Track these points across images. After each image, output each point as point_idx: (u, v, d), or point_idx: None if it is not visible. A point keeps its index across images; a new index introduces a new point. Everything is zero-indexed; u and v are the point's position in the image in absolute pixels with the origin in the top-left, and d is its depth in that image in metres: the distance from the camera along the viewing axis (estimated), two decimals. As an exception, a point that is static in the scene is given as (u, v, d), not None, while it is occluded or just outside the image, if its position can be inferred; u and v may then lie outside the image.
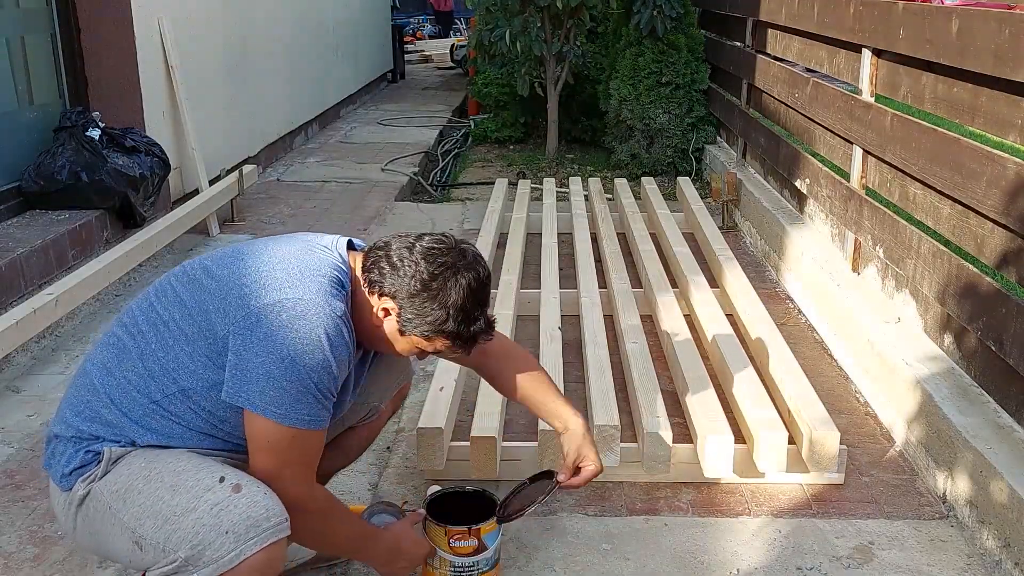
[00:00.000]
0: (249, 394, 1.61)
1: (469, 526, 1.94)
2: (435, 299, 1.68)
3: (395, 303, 1.70)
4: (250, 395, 1.61)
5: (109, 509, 1.65)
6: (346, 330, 1.67)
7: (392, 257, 1.71)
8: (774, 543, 2.23)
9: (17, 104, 4.02)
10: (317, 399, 1.64)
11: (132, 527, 1.62)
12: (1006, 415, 2.37)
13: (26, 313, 3.10)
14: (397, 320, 1.71)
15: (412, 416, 2.78)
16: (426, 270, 1.68)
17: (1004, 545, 2.11)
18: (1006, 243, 2.37)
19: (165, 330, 1.72)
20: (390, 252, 1.71)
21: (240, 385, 1.62)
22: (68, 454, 1.70)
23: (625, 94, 5.97)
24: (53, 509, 1.78)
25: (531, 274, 3.96)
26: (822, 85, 3.80)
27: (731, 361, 2.77)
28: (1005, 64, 2.34)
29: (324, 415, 1.67)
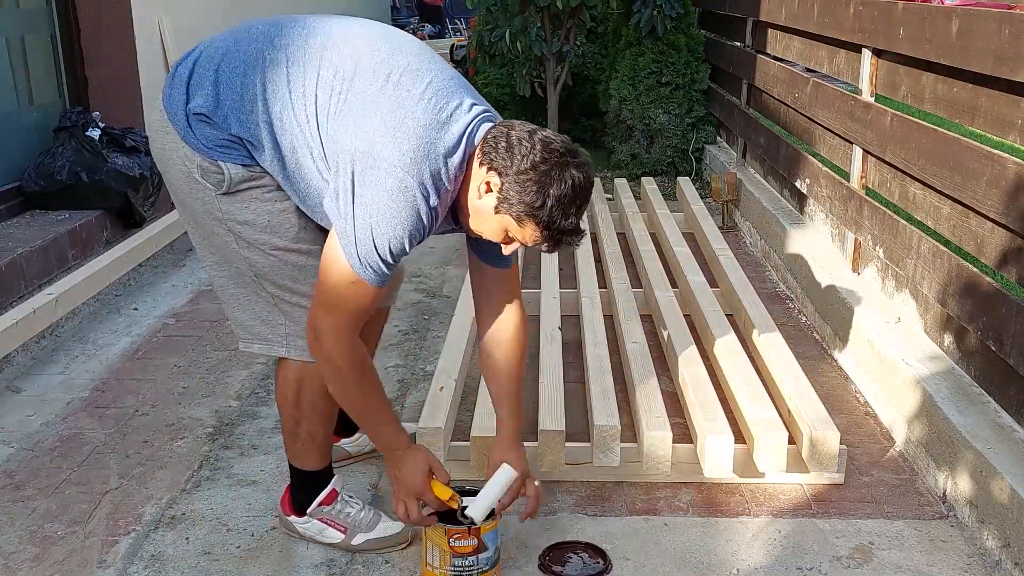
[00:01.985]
0: (344, 226, 1.73)
1: (469, 525, 1.97)
2: (538, 183, 1.72)
3: (500, 180, 1.74)
4: (344, 227, 1.73)
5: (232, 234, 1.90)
6: (433, 213, 1.75)
7: (512, 137, 1.74)
8: (774, 543, 2.23)
9: (17, 104, 4.02)
10: (385, 263, 1.75)
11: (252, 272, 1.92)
12: (1006, 415, 2.37)
13: (26, 313, 3.10)
14: (497, 196, 1.75)
15: (412, 416, 2.78)
16: (540, 154, 1.72)
17: (1004, 545, 2.11)
18: (1006, 243, 2.37)
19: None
20: (511, 132, 1.75)
21: (336, 209, 1.74)
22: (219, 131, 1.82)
23: (625, 94, 5.97)
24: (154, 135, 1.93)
25: (531, 274, 3.96)
26: (822, 85, 3.80)
27: (731, 361, 2.77)
28: (1005, 64, 2.34)
29: (384, 279, 1.79)
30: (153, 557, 2.16)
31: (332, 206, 1.76)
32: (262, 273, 1.93)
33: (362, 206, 1.71)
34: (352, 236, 1.73)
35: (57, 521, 2.30)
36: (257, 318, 1.99)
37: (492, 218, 1.79)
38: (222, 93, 1.82)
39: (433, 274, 4.20)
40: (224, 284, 2.00)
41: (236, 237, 1.90)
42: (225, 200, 1.87)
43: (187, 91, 1.84)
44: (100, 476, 2.50)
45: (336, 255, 1.76)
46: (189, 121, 1.84)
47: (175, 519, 2.31)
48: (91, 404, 2.92)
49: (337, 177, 1.74)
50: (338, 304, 1.79)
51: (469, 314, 3.16)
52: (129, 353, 3.30)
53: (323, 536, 2.18)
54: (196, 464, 2.56)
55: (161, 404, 2.92)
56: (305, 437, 2.10)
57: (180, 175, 1.89)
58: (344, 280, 1.77)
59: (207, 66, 1.84)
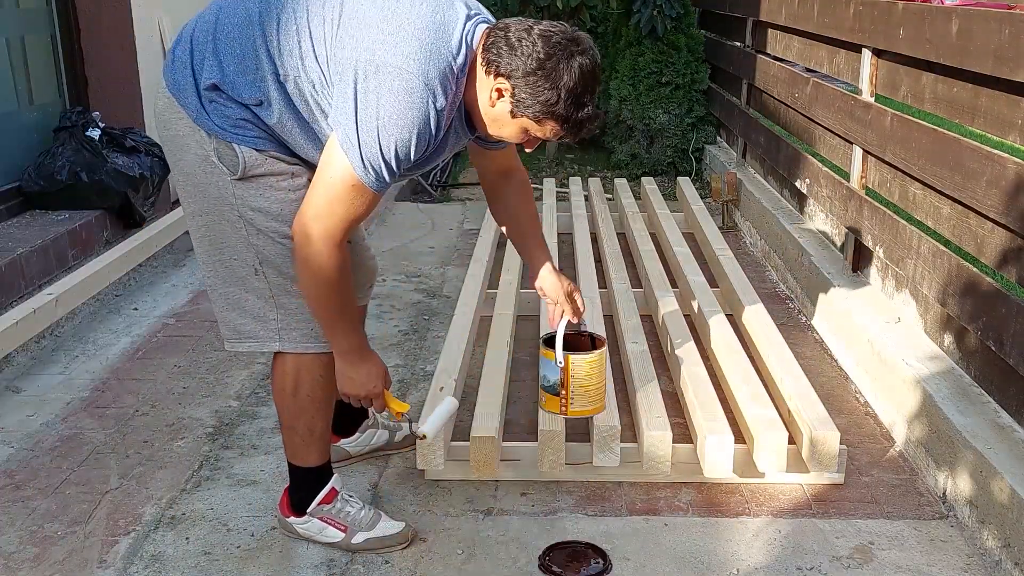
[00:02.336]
0: (345, 129, 1.71)
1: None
2: (548, 79, 1.71)
3: (509, 83, 1.74)
4: (346, 130, 1.71)
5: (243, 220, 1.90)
6: (440, 117, 1.74)
7: (511, 38, 1.73)
8: (774, 543, 2.23)
9: (17, 104, 4.02)
10: (388, 167, 1.74)
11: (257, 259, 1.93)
12: (1006, 415, 2.37)
13: (26, 313, 3.10)
14: (511, 101, 1.75)
15: (412, 416, 2.78)
16: (543, 50, 1.71)
17: (1004, 545, 2.11)
18: (1006, 243, 2.37)
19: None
20: (509, 33, 1.74)
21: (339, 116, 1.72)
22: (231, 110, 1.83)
23: (625, 94, 5.97)
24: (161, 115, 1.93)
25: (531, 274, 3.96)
26: (822, 85, 3.80)
27: (731, 361, 2.77)
28: (1005, 64, 2.34)
29: (384, 185, 1.79)
30: (153, 557, 2.16)
31: (335, 117, 1.74)
32: (268, 260, 1.93)
33: (367, 108, 1.69)
34: (356, 139, 1.71)
35: (57, 521, 2.30)
36: (248, 315, 1.98)
37: (510, 123, 1.80)
38: (224, 60, 1.81)
39: (433, 274, 4.20)
40: (216, 284, 1.99)
41: (247, 223, 1.90)
42: (240, 185, 1.88)
43: (192, 71, 1.84)
44: (100, 476, 2.50)
45: (336, 159, 1.75)
46: (202, 101, 1.84)
47: (175, 519, 2.31)
48: (91, 404, 2.92)
49: (340, 86, 1.72)
50: (333, 210, 1.77)
51: (469, 314, 3.17)
52: (129, 353, 3.30)
53: (323, 535, 2.17)
54: (196, 464, 2.56)
55: (161, 404, 2.92)
56: (304, 431, 2.10)
57: (196, 160, 1.88)
58: (345, 184, 1.75)
59: (204, 40, 1.84)
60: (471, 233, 4.73)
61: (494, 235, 4.25)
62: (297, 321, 1.97)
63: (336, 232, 1.79)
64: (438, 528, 2.28)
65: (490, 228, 4.29)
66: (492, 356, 2.85)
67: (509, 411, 2.82)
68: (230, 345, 2.03)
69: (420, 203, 5.64)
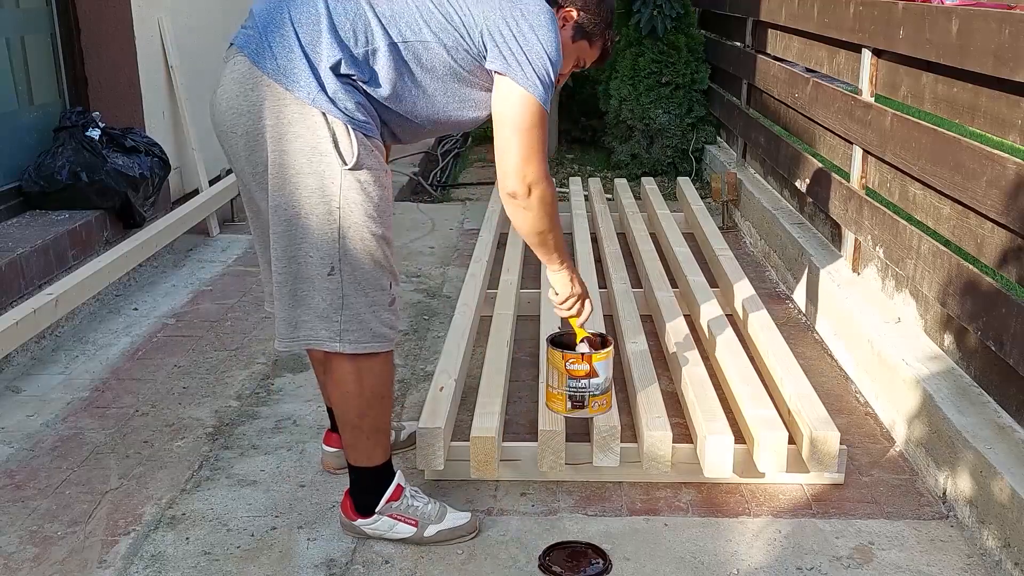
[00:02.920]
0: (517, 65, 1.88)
1: (582, 352, 2.30)
2: (605, 4, 2.08)
3: (576, 10, 2.05)
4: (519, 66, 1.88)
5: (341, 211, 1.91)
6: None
7: None
8: (774, 543, 2.23)
9: (17, 104, 4.02)
10: (551, 71, 1.92)
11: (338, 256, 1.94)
12: (1006, 415, 2.37)
13: (26, 313, 3.10)
14: (575, 25, 2.07)
15: (412, 416, 2.78)
16: None
17: (1004, 545, 2.11)
18: (1006, 243, 2.38)
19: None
20: None
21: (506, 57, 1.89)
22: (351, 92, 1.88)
23: (625, 94, 5.98)
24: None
25: (531, 274, 3.96)
26: (822, 85, 3.80)
27: (731, 361, 2.77)
28: (1005, 64, 2.34)
29: (550, 95, 1.95)
30: (153, 557, 2.16)
31: (500, 62, 1.89)
32: (349, 257, 1.95)
33: (524, 34, 1.88)
34: (529, 65, 1.89)
35: (57, 521, 2.30)
36: (312, 313, 1.99)
37: (570, 48, 2.08)
38: (342, 38, 1.85)
39: (433, 274, 4.20)
40: (285, 280, 1.98)
41: (342, 215, 1.91)
42: (348, 176, 1.89)
43: (304, 54, 1.85)
44: (100, 476, 2.50)
45: (512, 96, 1.91)
46: (322, 84, 1.85)
47: (175, 519, 2.31)
48: (91, 404, 2.92)
49: (493, 37, 1.89)
50: (534, 142, 1.94)
51: (469, 314, 3.17)
52: (129, 353, 3.30)
53: (394, 532, 2.19)
54: (196, 464, 2.56)
55: (161, 404, 2.92)
56: (370, 430, 2.11)
57: (303, 149, 1.87)
58: (532, 112, 1.91)
59: (311, 20, 1.86)
60: (471, 233, 4.73)
61: (494, 235, 4.25)
62: (360, 322, 1.99)
63: (544, 165, 1.98)
64: (438, 528, 2.28)
65: (490, 228, 4.29)
66: (492, 356, 2.85)
67: (509, 411, 2.82)
68: (284, 344, 2.03)
69: (420, 203, 5.65)
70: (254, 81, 1.89)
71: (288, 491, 2.44)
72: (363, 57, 1.87)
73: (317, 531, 2.26)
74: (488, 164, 6.81)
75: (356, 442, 2.13)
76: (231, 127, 1.95)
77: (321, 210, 1.91)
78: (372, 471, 2.17)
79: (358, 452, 2.15)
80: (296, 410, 2.88)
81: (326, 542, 2.22)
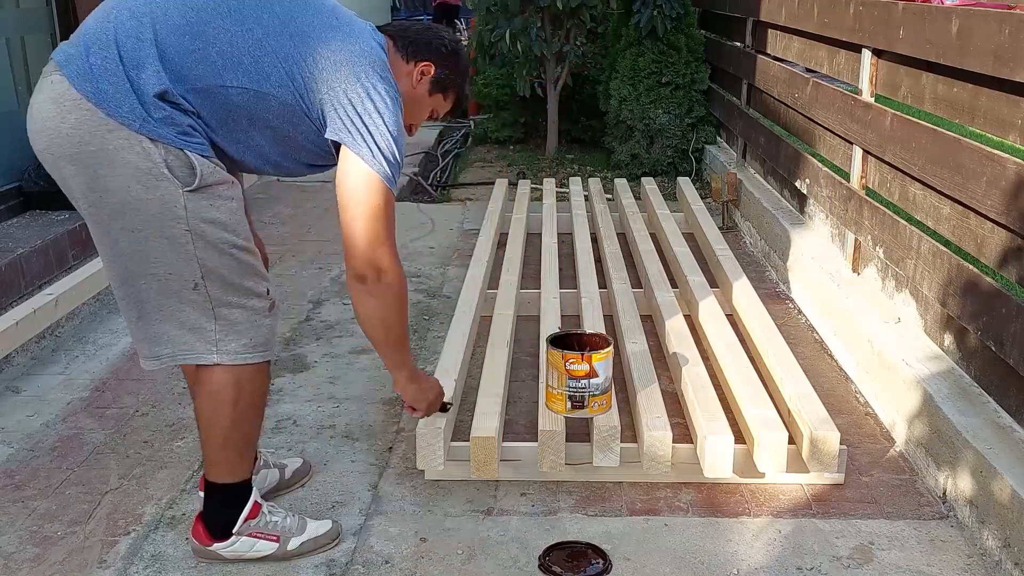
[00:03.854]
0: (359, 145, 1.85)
1: (582, 352, 2.33)
2: (461, 58, 2.08)
3: (434, 65, 2.03)
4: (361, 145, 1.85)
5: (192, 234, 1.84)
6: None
7: (416, 32, 2.05)
8: (774, 543, 2.23)
9: (17, 104, 4.02)
10: (398, 156, 1.90)
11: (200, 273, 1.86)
12: (1006, 415, 2.37)
13: (26, 313, 3.11)
14: (432, 80, 2.04)
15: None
16: (447, 39, 2.06)
17: (1004, 545, 2.11)
18: (1006, 243, 2.38)
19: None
20: (409, 31, 2.05)
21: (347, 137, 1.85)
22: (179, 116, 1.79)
23: (625, 94, 5.98)
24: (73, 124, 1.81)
25: (531, 274, 3.96)
26: (822, 85, 3.80)
27: (731, 361, 2.77)
28: (1005, 64, 2.34)
29: (396, 180, 1.92)
30: (153, 557, 2.16)
31: (344, 138, 1.86)
32: (212, 273, 1.87)
33: (370, 112, 1.85)
34: (376, 148, 1.85)
35: (57, 521, 2.30)
36: (183, 328, 1.90)
37: (425, 101, 2.07)
38: (179, 63, 1.77)
39: (433, 274, 4.20)
40: (147, 297, 1.88)
41: (195, 236, 1.83)
42: (192, 197, 1.81)
43: (128, 78, 1.74)
44: (100, 476, 2.50)
45: (361, 180, 1.86)
46: (147, 109, 1.75)
47: (175, 519, 2.31)
48: (91, 404, 2.92)
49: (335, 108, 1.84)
50: (384, 225, 1.90)
51: (469, 314, 3.17)
52: (129, 353, 3.30)
53: (255, 551, 2.10)
54: (196, 464, 2.56)
55: (161, 404, 2.92)
56: (240, 442, 2.03)
57: (133, 174, 1.77)
58: (383, 194, 1.88)
59: (138, 45, 1.76)
60: (471, 233, 4.73)
61: (494, 235, 4.25)
62: (235, 332, 1.92)
63: (394, 245, 1.94)
64: (438, 528, 2.28)
65: (490, 228, 4.29)
66: (492, 356, 2.85)
67: (509, 411, 2.82)
68: (154, 363, 1.94)
69: (420, 203, 5.64)
70: (71, 103, 1.77)
71: (288, 491, 2.44)
72: (193, 90, 1.79)
73: (317, 531, 2.26)
74: (488, 164, 6.82)
75: (222, 456, 2.03)
76: (47, 147, 1.83)
77: (171, 232, 1.82)
78: (233, 488, 2.06)
79: (222, 467, 2.04)
80: (296, 410, 2.88)
81: (326, 542, 2.22)
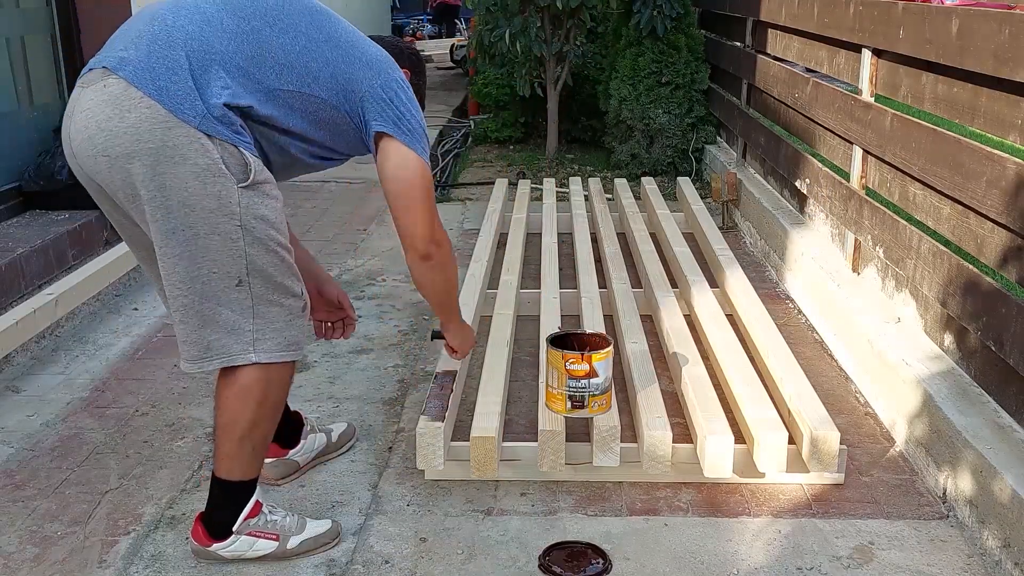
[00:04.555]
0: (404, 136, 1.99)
1: (582, 352, 2.33)
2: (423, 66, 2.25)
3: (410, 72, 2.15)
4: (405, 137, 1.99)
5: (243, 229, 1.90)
6: None
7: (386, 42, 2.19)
8: (774, 543, 2.23)
9: (17, 104, 4.03)
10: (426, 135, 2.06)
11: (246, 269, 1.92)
12: (1006, 415, 2.37)
13: (26, 313, 3.11)
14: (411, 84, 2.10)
15: (412, 416, 2.78)
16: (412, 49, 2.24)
17: (1004, 545, 2.11)
18: (1006, 243, 2.38)
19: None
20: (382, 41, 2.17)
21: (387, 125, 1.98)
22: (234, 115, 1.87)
23: (625, 94, 5.97)
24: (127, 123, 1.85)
25: (531, 274, 3.96)
26: (822, 85, 3.80)
27: (731, 361, 2.77)
28: (1005, 64, 2.34)
29: None
30: (153, 557, 2.16)
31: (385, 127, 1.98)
32: (258, 270, 1.92)
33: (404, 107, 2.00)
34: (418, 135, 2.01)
35: (57, 521, 2.30)
36: (222, 330, 1.94)
37: None
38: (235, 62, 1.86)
39: (433, 274, 4.20)
40: (190, 302, 1.92)
41: (246, 232, 1.89)
42: (246, 193, 1.87)
43: (192, 76, 1.82)
44: (100, 476, 2.50)
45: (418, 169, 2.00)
46: (208, 107, 1.82)
47: (175, 519, 2.31)
48: (91, 404, 2.92)
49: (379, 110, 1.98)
50: (434, 206, 2.07)
51: (469, 314, 3.16)
52: (129, 353, 3.30)
53: (254, 550, 2.11)
54: (196, 464, 2.56)
55: (161, 404, 2.92)
56: (260, 441, 2.06)
57: (193, 171, 1.82)
58: (429, 176, 2.03)
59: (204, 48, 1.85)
60: (471, 233, 4.73)
61: (494, 235, 4.25)
62: (272, 330, 1.97)
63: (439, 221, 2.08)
64: (438, 528, 2.28)
65: (490, 228, 4.29)
66: (492, 356, 2.85)
67: (509, 411, 2.82)
68: (194, 366, 1.97)
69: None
70: (131, 102, 1.81)
71: (288, 491, 2.44)
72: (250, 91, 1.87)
73: (317, 531, 2.26)
74: (488, 164, 6.82)
75: (239, 453, 2.04)
76: (103, 150, 1.84)
77: (224, 228, 1.87)
78: (241, 485, 2.08)
79: (235, 464, 2.05)
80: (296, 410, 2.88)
81: (326, 542, 2.22)
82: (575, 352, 2.34)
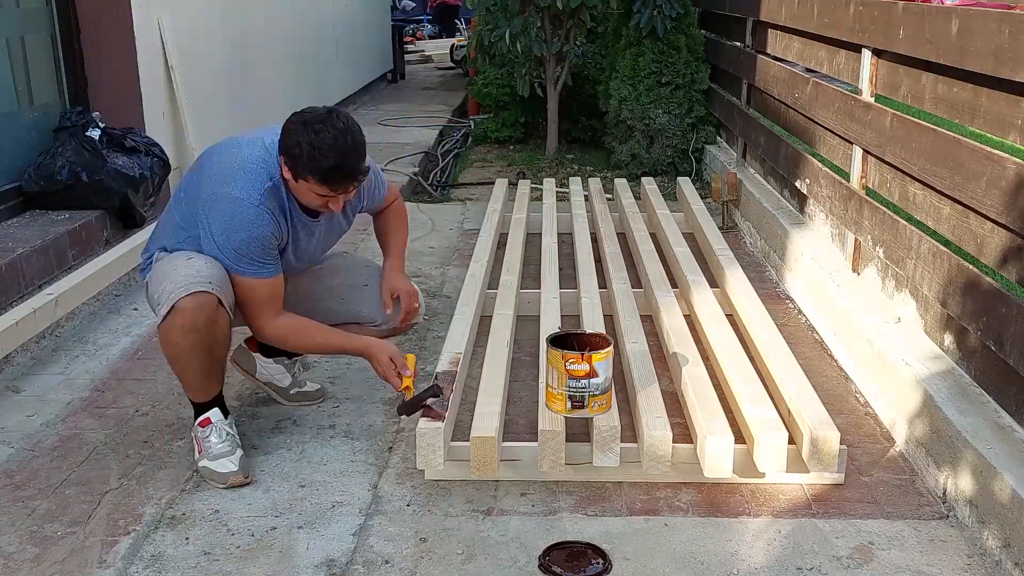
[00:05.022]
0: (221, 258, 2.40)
1: (582, 352, 2.34)
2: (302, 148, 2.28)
3: (283, 157, 2.34)
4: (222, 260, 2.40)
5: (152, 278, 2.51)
6: (268, 210, 2.38)
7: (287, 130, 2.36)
8: (774, 543, 2.23)
9: (17, 104, 4.02)
10: (254, 260, 2.40)
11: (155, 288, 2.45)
12: (1006, 415, 2.37)
13: (26, 313, 3.10)
14: (288, 171, 2.34)
15: (412, 416, 2.78)
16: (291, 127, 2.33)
17: (1004, 545, 2.11)
18: (1006, 243, 2.38)
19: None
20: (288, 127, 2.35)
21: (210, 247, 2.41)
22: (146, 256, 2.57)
23: (625, 94, 5.97)
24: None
25: (531, 274, 3.96)
26: (822, 85, 3.80)
27: (731, 361, 2.77)
28: (1005, 64, 2.34)
29: (267, 271, 2.43)
30: (153, 557, 2.16)
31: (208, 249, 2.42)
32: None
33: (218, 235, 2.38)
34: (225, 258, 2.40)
35: (57, 521, 2.30)
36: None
37: (301, 189, 2.36)
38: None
39: (433, 274, 4.20)
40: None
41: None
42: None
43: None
44: (100, 476, 2.50)
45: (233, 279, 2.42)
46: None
47: (175, 519, 2.31)
48: (91, 404, 2.92)
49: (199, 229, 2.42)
50: (254, 305, 2.47)
51: (469, 314, 3.17)
52: (129, 353, 3.30)
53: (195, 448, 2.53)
54: (196, 464, 2.56)
55: (161, 404, 2.92)
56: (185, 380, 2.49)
57: None
58: (246, 288, 2.43)
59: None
60: (471, 233, 4.73)
61: (494, 235, 4.25)
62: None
63: (268, 316, 2.48)
64: (438, 528, 2.28)
65: (490, 228, 4.29)
66: (492, 356, 2.85)
67: (509, 411, 2.82)
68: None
69: (420, 203, 5.65)
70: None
71: (288, 491, 2.44)
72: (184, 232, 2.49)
73: (317, 531, 2.26)
74: (488, 164, 6.82)
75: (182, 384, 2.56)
76: None
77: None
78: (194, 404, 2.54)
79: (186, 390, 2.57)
80: (296, 410, 2.88)
81: (326, 542, 2.22)
82: (575, 352, 2.34)
